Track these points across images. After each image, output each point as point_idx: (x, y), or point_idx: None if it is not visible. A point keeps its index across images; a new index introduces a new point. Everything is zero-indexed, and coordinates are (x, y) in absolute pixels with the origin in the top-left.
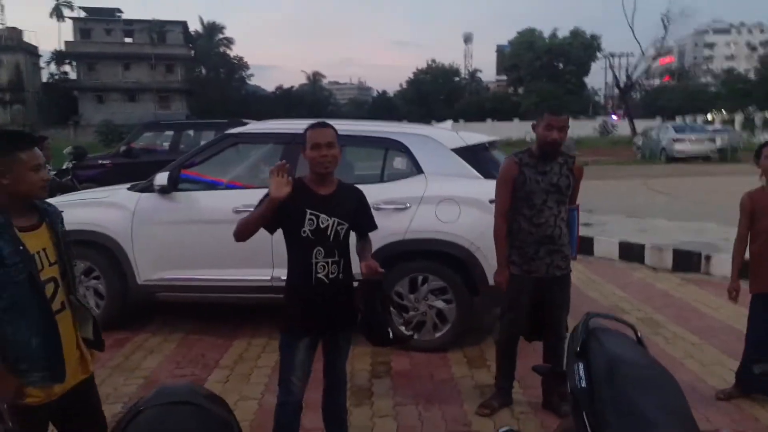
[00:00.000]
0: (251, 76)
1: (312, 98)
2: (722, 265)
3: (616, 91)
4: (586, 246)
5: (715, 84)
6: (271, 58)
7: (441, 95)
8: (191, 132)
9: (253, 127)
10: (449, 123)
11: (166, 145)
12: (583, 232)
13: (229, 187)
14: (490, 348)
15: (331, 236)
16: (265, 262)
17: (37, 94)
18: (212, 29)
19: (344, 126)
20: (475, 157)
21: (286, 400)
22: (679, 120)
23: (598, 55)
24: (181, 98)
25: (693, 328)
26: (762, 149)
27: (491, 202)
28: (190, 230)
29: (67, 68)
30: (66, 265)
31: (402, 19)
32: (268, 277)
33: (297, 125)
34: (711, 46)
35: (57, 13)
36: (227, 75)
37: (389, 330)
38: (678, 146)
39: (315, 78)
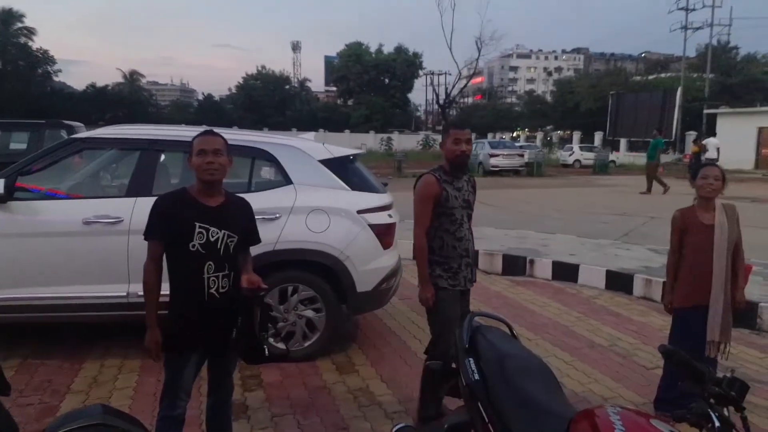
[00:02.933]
0: (58, 72)
1: (131, 98)
2: (543, 268)
3: (436, 107)
4: None
5: (519, 104)
6: (80, 53)
7: (272, 102)
8: (1, 132)
9: (103, 131)
10: (312, 134)
11: None
12: None
13: (74, 196)
14: (356, 354)
15: (222, 249)
16: (120, 277)
17: None
18: (9, 16)
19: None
20: (342, 168)
21: (170, 414)
22: (490, 137)
23: (420, 72)
24: None
25: (527, 324)
26: (699, 170)
27: (359, 212)
28: (31, 244)
29: None
30: None
31: (226, 21)
32: (124, 293)
33: (152, 131)
34: (515, 69)
35: None
36: (28, 69)
37: (265, 347)
38: (493, 161)
39: (132, 77)
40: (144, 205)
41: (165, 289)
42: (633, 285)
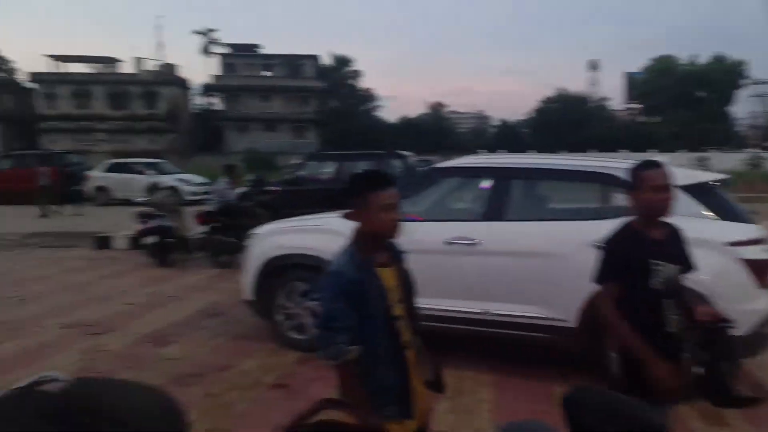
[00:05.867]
0: (379, 107)
1: (436, 128)
2: None
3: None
4: None
5: None
6: (391, 89)
7: (569, 124)
8: (349, 162)
9: (462, 161)
10: (666, 156)
11: (324, 174)
12: None
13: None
14: None
15: (675, 284)
16: (477, 295)
17: (188, 123)
18: (341, 62)
19: (552, 161)
20: (706, 195)
21: None
22: None
23: (743, 82)
24: (313, 128)
25: None
26: None
27: (729, 245)
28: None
29: (214, 99)
30: (410, 304)
31: (516, 48)
32: (480, 310)
33: (506, 160)
34: None
35: (206, 49)
36: (355, 106)
37: (735, 388)
38: None
39: (436, 108)
40: (498, 230)
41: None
42: None
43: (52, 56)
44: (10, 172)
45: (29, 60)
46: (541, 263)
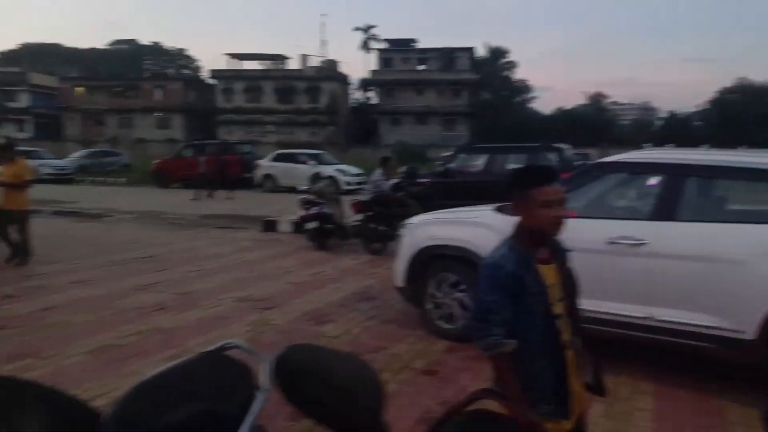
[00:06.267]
0: (533, 99)
1: (595, 120)
2: None
3: None
4: None
5: None
6: (547, 79)
7: (752, 117)
8: (500, 155)
9: (628, 156)
10: None
11: (473, 166)
12: None
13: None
14: None
15: None
16: (641, 298)
17: (346, 116)
18: (497, 54)
19: (733, 158)
20: None
21: None
22: None
23: None
24: (464, 121)
25: None
26: None
27: None
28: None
29: (370, 94)
30: (572, 303)
31: (692, 34)
32: (645, 315)
33: (677, 155)
34: None
35: (365, 45)
36: (508, 98)
37: None
38: None
39: (596, 98)
40: (668, 230)
41: None
42: None
43: (230, 54)
44: (191, 160)
45: (211, 58)
46: (716, 268)
